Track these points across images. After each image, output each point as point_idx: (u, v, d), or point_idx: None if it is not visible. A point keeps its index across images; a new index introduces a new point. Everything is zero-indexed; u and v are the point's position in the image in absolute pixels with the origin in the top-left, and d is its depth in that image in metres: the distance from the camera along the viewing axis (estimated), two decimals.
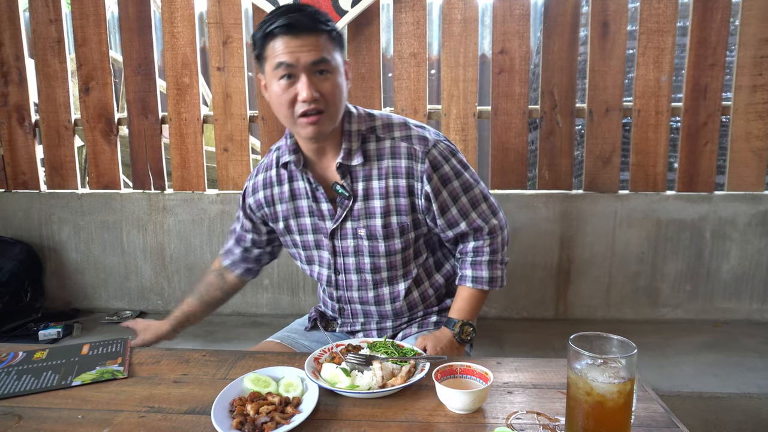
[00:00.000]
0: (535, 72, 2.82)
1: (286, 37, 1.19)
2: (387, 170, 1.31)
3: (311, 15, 1.21)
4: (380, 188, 1.32)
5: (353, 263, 1.38)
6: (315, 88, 1.20)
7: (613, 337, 0.89)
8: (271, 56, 1.22)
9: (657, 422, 0.97)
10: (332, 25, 1.24)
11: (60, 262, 2.43)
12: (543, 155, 2.24)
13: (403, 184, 1.31)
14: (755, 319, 2.22)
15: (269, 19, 1.21)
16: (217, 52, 2.27)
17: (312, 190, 1.35)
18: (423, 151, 1.30)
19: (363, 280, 1.39)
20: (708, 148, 2.17)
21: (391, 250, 1.36)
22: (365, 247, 1.36)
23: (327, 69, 1.21)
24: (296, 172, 1.37)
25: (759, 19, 2.08)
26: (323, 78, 1.22)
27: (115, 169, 2.40)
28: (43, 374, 1.16)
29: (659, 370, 1.85)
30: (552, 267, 2.25)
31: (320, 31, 1.21)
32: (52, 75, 2.35)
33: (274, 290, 2.37)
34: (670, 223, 2.19)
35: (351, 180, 1.32)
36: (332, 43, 1.23)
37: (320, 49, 1.20)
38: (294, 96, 1.21)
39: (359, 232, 1.34)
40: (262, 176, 1.43)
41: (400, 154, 1.31)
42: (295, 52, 1.19)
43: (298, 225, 1.41)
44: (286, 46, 1.19)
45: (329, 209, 1.35)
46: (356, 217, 1.34)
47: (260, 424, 0.94)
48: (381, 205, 1.32)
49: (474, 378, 1.06)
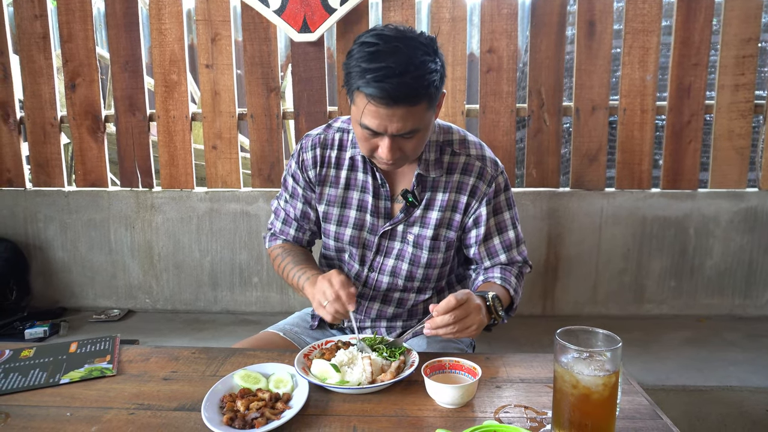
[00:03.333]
0: (523, 71, 2.84)
1: (378, 105, 1.09)
2: (453, 184, 1.32)
3: (412, 84, 1.07)
4: (442, 201, 1.32)
5: (390, 265, 1.37)
6: (397, 147, 1.16)
7: (598, 331, 0.90)
8: (357, 106, 1.13)
9: (641, 414, 0.99)
10: (434, 87, 1.11)
11: (46, 261, 2.40)
12: (531, 153, 2.26)
13: (463, 201, 1.32)
14: (737, 314, 2.27)
15: (366, 69, 1.07)
16: (205, 49, 2.26)
17: (376, 187, 1.33)
18: (493, 174, 1.33)
19: (394, 284, 1.39)
20: (692, 147, 2.21)
21: (432, 263, 1.36)
22: (408, 254, 1.35)
23: (415, 132, 1.14)
24: (360, 163, 1.33)
25: (740, 19, 2.11)
26: (408, 138, 1.16)
27: (103, 166, 2.38)
28: (31, 372, 1.15)
29: (644, 364, 1.88)
30: (540, 264, 2.27)
31: (419, 102, 1.10)
32: (38, 71, 2.32)
33: (264, 288, 2.37)
34: (655, 220, 2.23)
35: (422, 189, 1.32)
36: (429, 102, 1.13)
37: (413, 120, 1.12)
38: (374, 146, 1.17)
39: (408, 237, 1.34)
40: (319, 152, 1.35)
41: (471, 172, 1.32)
42: (384, 122, 1.11)
43: (340, 216, 1.37)
44: (376, 112, 1.10)
45: (387, 208, 1.34)
46: (411, 223, 1.33)
47: (250, 419, 0.94)
48: (437, 216, 1.32)
49: (463, 373, 1.07)
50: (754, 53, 2.13)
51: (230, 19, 2.24)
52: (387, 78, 1.06)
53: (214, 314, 2.37)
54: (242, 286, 2.37)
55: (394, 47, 1.08)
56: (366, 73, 1.07)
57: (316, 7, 2.13)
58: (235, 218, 2.32)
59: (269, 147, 2.31)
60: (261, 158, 2.32)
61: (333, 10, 2.13)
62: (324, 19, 2.14)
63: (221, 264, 2.35)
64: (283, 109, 2.32)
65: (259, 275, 2.36)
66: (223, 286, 2.37)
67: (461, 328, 1.11)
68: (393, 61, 1.07)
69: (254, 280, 2.36)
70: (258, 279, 2.36)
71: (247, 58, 2.26)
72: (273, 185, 2.33)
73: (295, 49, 2.25)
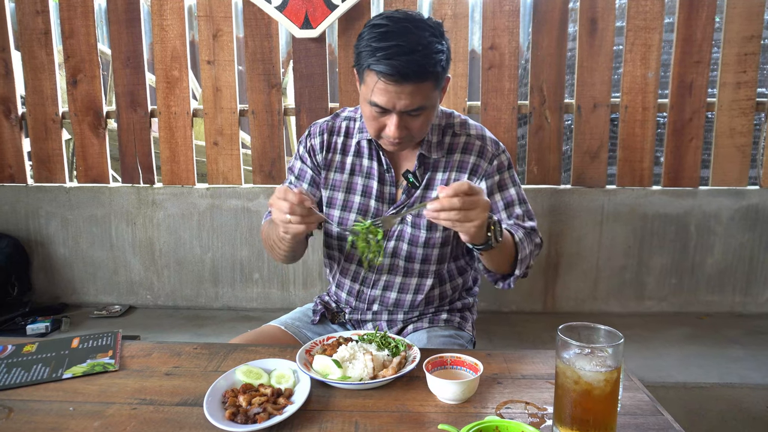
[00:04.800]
0: (525, 68, 2.84)
1: (388, 82, 1.13)
2: (454, 164, 1.34)
3: (420, 62, 1.11)
4: (442, 180, 1.34)
5: (391, 247, 1.38)
6: (404, 125, 1.19)
7: (600, 327, 0.91)
8: (367, 85, 1.17)
9: (642, 410, 1.00)
10: (440, 66, 1.15)
11: (48, 257, 2.41)
12: (532, 150, 2.26)
13: (464, 179, 1.32)
14: (737, 311, 2.27)
15: (376, 48, 1.12)
16: (207, 45, 2.25)
17: (381, 173, 1.35)
18: (494, 152, 1.34)
19: (395, 265, 1.40)
20: (693, 144, 2.21)
21: (430, 243, 1.36)
22: (407, 234, 1.37)
23: (422, 110, 1.18)
24: (365, 149, 1.36)
25: (743, 16, 2.11)
26: (415, 116, 1.19)
27: (104, 162, 2.38)
28: (34, 367, 1.16)
29: (645, 361, 1.88)
30: (541, 261, 2.27)
31: (426, 79, 1.14)
32: (39, 67, 2.32)
33: (264, 284, 2.37)
34: (656, 217, 2.23)
35: (423, 170, 1.34)
36: (436, 82, 1.17)
37: (420, 96, 1.15)
38: (382, 125, 1.21)
39: (406, 218, 1.36)
40: (326, 138, 1.39)
41: (471, 151, 1.34)
42: (392, 99, 1.14)
43: (344, 201, 1.39)
44: (385, 90, 1.14)
45: (392, 193, 1.36)
46: (411, 204, 1.35)
47: (253, 414, 0.95)
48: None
49: (464, 369, 1.08)
50: (756, 51, 2.12)
51: (232, 15, 2.23)
52: (397, 56, 1.10)
53: (215, 310, 2.38)
54: (243, 283, 2.37)
55: (403, 27, 1.13)
56: (377, 52, 1.12)
57: (318, 3, 2.13)
58: (236, 214, 2.32)
59: (270, 143, 2.31)
60: (262, 154, 2.32)
61: (335, 6, 2.13)
62: (326, 15, 2.14)
63: (222, 260, 2.36)
64: (285, 105, 2.32)
65: (260, 271, 2.36)
66: (224, 282, 2.38)
67: (464, 218, 1.05)
68: (402, 40, 1.11)
69: (255, 276, 2.37)
70: (259, 275, 2.37)
71: (248, 54, 2.25)
72: (274, 181, 2.33)
73: (297, 46, 2.24)
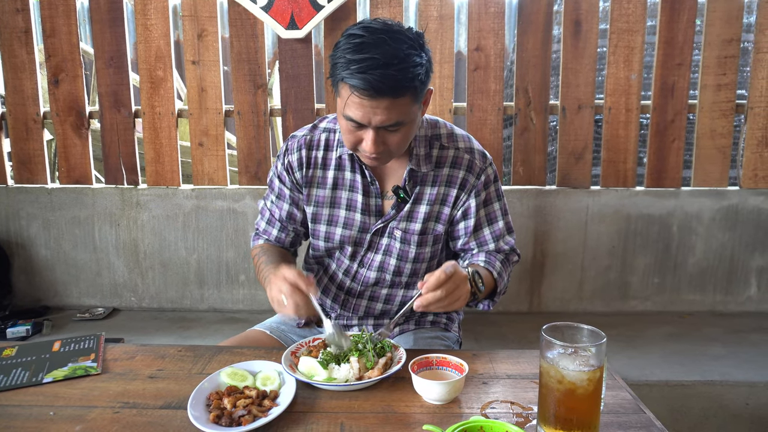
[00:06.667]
0: (511, 69, 2.86)
1: (362, 96, 1.08)
2: (443, 178, 1.32)
3: (396, 76, 1.06)
4: (431, 194, 1.32)
5: (378, 261, 1.37)
6: (382, 140, 1.15)
7: (583, 327, 0.91)
8: (342, 98, 1.12)
9: (625, 409, 1.01)
10: (419, 80, 1.10)
11: (29, 259, 2.37)
12: (517, 151, 2.27)
13: (453, 194, 1.32)
14: (718, 310, 2.30)
15: (350, 60, 1.07)
16: (191, 45, 2.23)
17: (366, 185, 1.32)
18: (481, 167, 1.33)
19: (381, 279, 1.39)
20: (675, 145, 2.24)
21: (419, 258, 1.36)
22: (395, 249, 1.35)
23: (399, 125, 1.13)
24: (347, 162, 1.32)
25: (723, 20, 2.15)
26: (393, 132, 1.15)
27: (87, 163, 2.35)
28: (13, 371, 1.14)
29: (628, 360, 1.90)
30: (526, 261, 2.29)
31: (402, 94, 1.09)
32: (20, 66, 2.28)
33: (251, 286, 2.36)
34: (639, 217, 2.26)
35: (413, 184, 1.32)
36: (414, 97, 1.12)
37: (396, 112, 1.11)
38: (359, 139, 1.16)
39: (395, 233, 1.34)
40: (305, 153, 1.34)
41: (461, 165, 1.32)
42: (367, 114, 1.10)
43: (329, 216, 1.36)
44: (360, 104, 1.09)
45: (378, 205, 1.33)
46: (399, 218, 1.33)
47: (237, 417, 0.94)
48: (426, 210, 1.32)
49: (450, 369, 1.08)
50: (736, 54, 2.16)
51: (217, 15, 2.22)
52: (370, 69, 1.05)
53: (200, 312, 2.36)
54: (229, 284, 2.35)
55: (379, 39, 1.08)
56: (350, 65, 1.07)
57: (304, 4, 2.12)
58: (221, 216, 2.31)
59: (256, 144, 2.30)
60: (248, 155, 2.31)
61: (320, 7, 2.13)
62: (311, 16, 2.13)
63: (208, 262, 2.34)
64: (271, 106, 2.31)
65: (246, 273, 2.35)
66: (209, 284, 2.36)
67: (451, 301, 1.09)
68: (377, 53, 1.06)
69: (241, 278, 2.35)
70: (245, 277, 2.35)
71: (233, 54, 2.24)
72: (260, 182, 2.32)
73: (283, 46, 2.24)
